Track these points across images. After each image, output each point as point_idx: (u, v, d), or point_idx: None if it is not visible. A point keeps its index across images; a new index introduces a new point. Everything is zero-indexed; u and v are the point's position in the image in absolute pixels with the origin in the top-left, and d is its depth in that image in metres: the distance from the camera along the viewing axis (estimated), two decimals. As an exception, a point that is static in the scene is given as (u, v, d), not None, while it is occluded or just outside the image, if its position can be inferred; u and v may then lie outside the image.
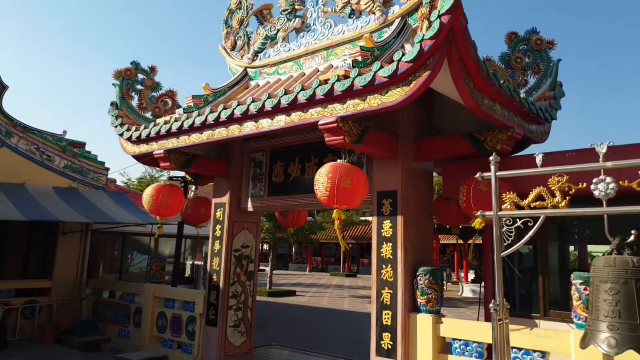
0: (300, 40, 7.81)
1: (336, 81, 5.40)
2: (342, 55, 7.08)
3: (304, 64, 7.67)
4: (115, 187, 14.91)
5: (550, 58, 6.84)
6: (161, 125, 7.42)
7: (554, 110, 6.65)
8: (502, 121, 5.60)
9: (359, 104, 5.31)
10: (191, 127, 7.00)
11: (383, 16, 6.67)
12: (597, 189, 3.40)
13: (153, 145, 7.76)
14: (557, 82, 6.80)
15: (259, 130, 6.34)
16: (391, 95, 5.06)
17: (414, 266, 5.97)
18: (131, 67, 8.47)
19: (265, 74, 8.26)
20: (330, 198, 5.52)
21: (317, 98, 5.59)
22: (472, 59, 4.81)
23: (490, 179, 4.02)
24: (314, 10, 7.70)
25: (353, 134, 5.60)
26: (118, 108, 8.23)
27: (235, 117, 6.46)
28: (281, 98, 5.90)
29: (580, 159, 4.74)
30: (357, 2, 6.98)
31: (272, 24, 8.37)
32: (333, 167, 5.62)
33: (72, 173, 11.64)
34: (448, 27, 4.48)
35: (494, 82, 5.19)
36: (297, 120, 5.92)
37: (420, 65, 4.78)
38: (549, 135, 6.82)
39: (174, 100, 8.78)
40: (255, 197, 8.28)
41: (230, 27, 9.00)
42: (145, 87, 8.55)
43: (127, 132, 7.96)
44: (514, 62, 6.87)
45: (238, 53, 8.80)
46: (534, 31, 6.91)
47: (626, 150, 4.59)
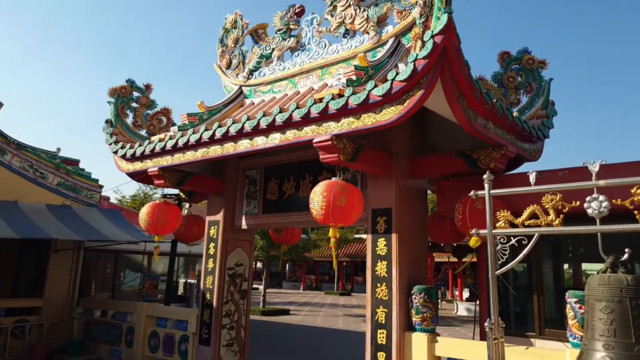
0: (295, 59, 7.88)
1: (331, 100, 5.44)
2: (337, 74, 7.14)
3: (299, 82, 7.73)
4: (109, 205, 14.84)
5: (542, 77, 6.93)
6: (156, 142, 7.42)
7: (546, 129, 6.71)
8: (495, 139, 5.64)
9: (354, 122, 5.34)
10: (186, 144, 7.00)
11: (377, 36, 6.76)
12: (591, 207, 3.42)
13: (147, 162, 7.75)
14: (549, 101, 6.87)
15: (254, 148, 6.35)
16: (385, 113, 5.09)
17: (409, 284, 5.94)
18: (126, 85, 8.50)
19: (260, 92, 8.31)
20: (326, 216, 5.51)
21: (311, 116, 5.62)
22: (465, 79, 4.86)
23: (485, 197, 4.04)
24: (309, 30, 7.79)
25: (347, 151, 5.63)
26: (113, 126, 8.23)
27: (230, 135, 6.47)
28: (276, 116, 5.93)
29: (573, 178, 4.78)
30: (352, 22, 7.06)
31: (267, 43, 8.45)
32: (328, 186, 5.62)
33: (65, 190, 11.58)
34: (441, 48, 4.54)
35: (487, 101, 5.24)
36: (292, 138, 5.94)
37: (414, 85, 4.82)
38: (542, 153, 6.87)
39: (169, 118, 8.80)
40: (249, 214, 8.25)
41: (226, 46, 9.07)
42: (140, 104, 8.57)
43: (121, 149, 7.95)
44: (506, 81, 6.95)
45: (233, 71, 8.86)
46: (526, 51, 7.01)
47: (618, 168, 4.62)
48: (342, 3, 7.18)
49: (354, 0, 7.06)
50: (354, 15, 7.03)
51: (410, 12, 6.37)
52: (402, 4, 6.50)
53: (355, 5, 7.04)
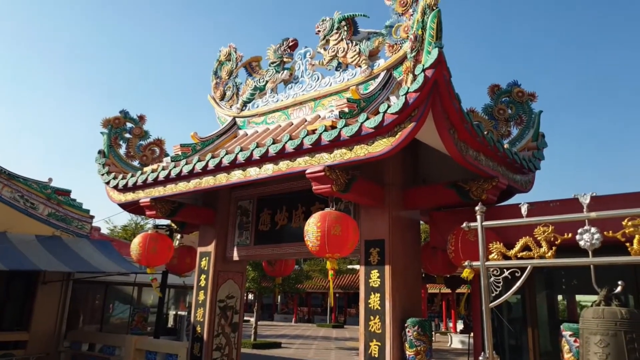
0: (288, 92, 7.97)
1: (324, 131, 5.48)
2: (329, 106, 7.22)
3: (292, 114, 7.80)
4: (100, 236, 14.69)
5: (532, 110, 7.04)
6: (148, 173, 7.41)
7: (537, 161, 6.78)
8: (486, 171, 5.69)
9: (346, 154, 5.38)
10: (178, 175, 6.99)
11: (369, 69, 6.87)
12: (583, 239, 3.43)
13: (139, 193, 7.72)
14: (539, 133, 6.97)
15: (247, 179, 6.35)
16: (377, 145, 5.13)
17: (403, 317, 5.87)
18: (120, 116, 8.53)
19: (253, 123, 8.37)
20: (322, 247, 5.48)
21: (304, 147, 5.66)
22: (456, 111, 4.93)
23: (477, 229, 4.05)
24: (302, 63, 7.91)
25: (340, 182, 5.64)
26: (105, 156, 8.22)
27: (223, 166, 6.48)
28: (269, 147, 5.96)
29: (564, 209, 4.80)
30: (344, 55, 7.19)
31: (261, 75, 8.56)
32: (322, 216, 5.61)
33: (55, 221, 11.46)
34: (432, 81, 4.62)
35: (478, 133, 5.30)
36: (285, 169, 5.95)
37: (406, 117, 4.88)
38: (533, 184, 6.93)
39: (162, 148, 8.81)
40: (241, 245, 8.19)
41: (220, 78, 9.17)
42: (133, 135, 8.59)
43: (113, 180, 7.92)
44: (497, 113, 7.05)
45: (227, 103, 8.93)
46: (516, 84, 7.14)
47: (609, 200, 4.66)
48: (334, 37, 7.32)
49: (346, 35, 7.21)
50: (346, 49, 7.16)
51: (401, 46, 6.50)
52: (393, 38, 6.63)
53: (347, 40, 7.18)
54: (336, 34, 7.31)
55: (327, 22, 7.42)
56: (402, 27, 6.44)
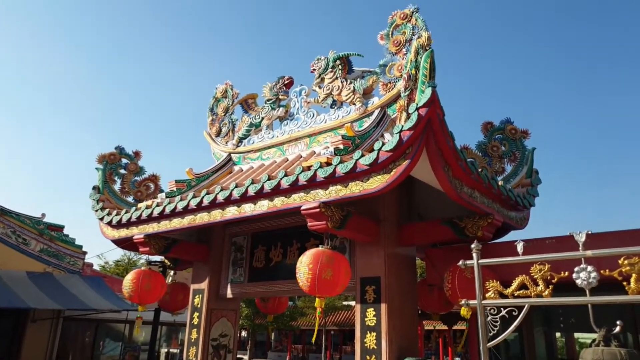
0: (283, 128, 8.03)
1: (319, 168, 5.50)
2: (324, 142, 7.26)
3: (287, 150, 7.84)
4: (92, 272, 14.48)
5: (525, 147, 7.12)
6: (143, 209, 7.37)
7: (531, 197, 6.80)
8: (481, 208, 5.69)
9: (341, 190, 5.38)
10: (173, 211, 6.95)
11: (363, 107, 6.95)
12: (580, 277, 3.41)
13: (133, 229, 7.65)
14: (533, 170, 7.02)
15: (242, 215, 6.32)
16: (372, 182, 5.15)
17: (399, 356, 5.75)
18: (116, 152, 8.54)
19: (249, 159, 8.40)
20: (312, 288, 5.43)
21: (300, 184, 5.66)
22: (449, 149, 4.97)
23: (473, 266, 4.02)
24: (297, 101, 8.00)
25: (335, 219, 5.62)
26: (100, 192, 8.19)
27: (217, 202, 6.46)
28: (264, 183, 5.96)
29: (560, 247, 4.78)
30: (339, 93, 7.29)
31: (257, 112, 8.64)
32: (314, 256, 5.55)
33: (47, 257, 11.32)
34: (426, 119, 4.67)
35: (472, 170, 5.34)
36: (280, 205, 5.94)
37: (400, 155, 4.92)
38: (528, 221, 6.93)
39: (157, 184, 8.79)
40: (235, 283, 8.08)
41: (216, 115, 9.25)
42: (128, 171, 8.58)
43: (107, 216, 7.86)
44: (490, 150, 7.11)
45: (223, 139, 8.98)
46: (509, 121, 7.24)
47: (605, 238, 4.66)
48: (329, 76, 7.44)
49: (340, 74, 7.33)
50: (341, 87, 7.26)
51: (395, 84, 6.61)
52: (387, 77, 6.74)
53: (342, 78, 7.30)
54: (331, 73, 7.43)
55: (322, 61, 7.56)
56: (395, 66, 6.56)
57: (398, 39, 6.40)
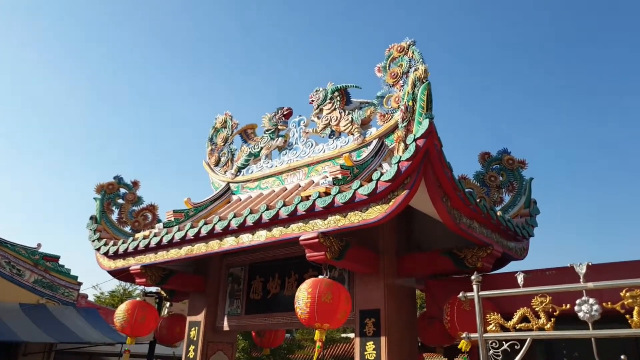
0: (282, 158, 8.06)
1: (317, 197, 5.49)
2: (323, 171, 7.28)
3: (286, 179, 7.85)
4: (87, 303, 14.28)
5: (522, 177, 7.13)
6: (140, 240, 7.31)
7: (530, 227, 6.78)
8: (480, 239, 5.67)
9: (340, 220, 5.36)
10: (170, 242, 6.90)
11: (361, 137, 7.00)
12: (582, 310, 3.37)
13: (130, 260, 7.58)
14: (531, 200, 7.02)
15: (240, 246, 6.27)
16: (371, 212, 5.13)
17: (400, 392, 5.62)
18: (114, 181, 8.53)
19: (247, 188, 8.39)
20: (311, 315, 5.32)
21: (298, 214, 5.64)
22: (448, 179, 4.98)
23: (474, 299, 3.97)
24: (296, 131, 8.06)
25: (334, 249, 5.58)
26: (97, 222, 8.14)
27: (215, 233, 6.42)
28: (263, 213, 5.93)
29: (561, 278, 4.73)
30: (337, 124, 7.35)
31: (256, 142, 8.68)
32: (313, 282, 5.50)
33: (41, 288, 11.17)
34: (423, 150, 4.70)
35: (471, 201, 5.33)
36: (279, 235, 5.90)
37: (399, 185, 4.92)
38: (527, 252, 6.88)
39: (155, 214, 8.75)
40: (231, 315, 7.95)
41: (215, 145, 9.29)
42: (126, 201, 8.55)
43: (104, 246, 7.79)
44: (488, 180, 7.13)
45: (221, 169, 8.99)
46: (506, 151, 7.27)
47: (606, 269, 4.63)
48: (328, 107, 7.51)
49: (339, 105, 7.41)
50: (339, 117, 7.33)
51: (392, 115, 6.66)
52: (384, 108, 6.81)
53: (340, 109, 7.37)
54: (329, 104, 7.51)
55: (321, 92, 7.65)
56: (393, 98, 6.63)
57: (395, 72, 6.49)
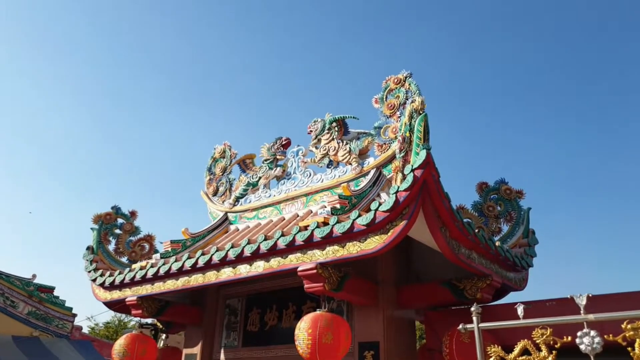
0: (280, 187, 8.08)
1: (316, 228, 5.47)
2: (321, 201, 7.29)
3: (284, 209, 7.84)
4: (81, 335, 14.04)
5: (520, 206, 7.14)
6: (137, 270, 7.24)
7: (529, 258, 6.75)
8: (480, 269, 5.64)
9: (339, 251, 5.33)
10: (167, 273, 6.84)
11: (359, 167, 7.04)
12: (583, 343, 3.33)
13: (126, 291, 7.49)
14: (529, 230, 7.01)
15: (237, 277, 6.21)
16: (370, 242, 5.11)
17: None
18: (112, 211, 8.50)
19: (245, 218, 8.37)
20: (312, 355, 5.22)
21: (296, 244, 5.61)
22: (446, 210, 4.99)
23: (473, 330, 3.92)
24: (295, 161, 8.10)
25: (333, 280, 5.53)
26: (94, 252, 8.07)
27: (213, 263, 6.37)
28: (261, 244, 5.90)
29: (561, 309, 4.69)
30: (335, 154, 7.40)
31: (254, 171, 8.72)
32: (313, 321, 5.35)
33: (35, 320, 10.99)
34: (421, 181, 4.72)
35: (469, 231, 5.33)
36: (276, 266, 5.86)
37: (397, 215, 4.92)
38: (527, 282, 6.84)
39: (152, 244, 8.70)
40: (228, 348, 7.82)
41: (214, 174, 9.31)
42: (124, 231, 8.51)
43: (100, 277, 7.71)
44: (486, 210, 7.13)
45: (219, 198, 9.00)
46: (503, 182, 7.30)
47: (607, 300, 4.59)
48: (326, 137, 7.58)
49: (337, 135, 7.47)
50: (337, 148, 7.39)
51: (390, 145, 6.72)
52: (382, 138, 6.88)
53: (338, 139, 7.43)
54: (327, 134, 7.58)
55: (319, 122, 7.72)
56: (390, 128, 6.70)
57: (392, 103, 6.58)
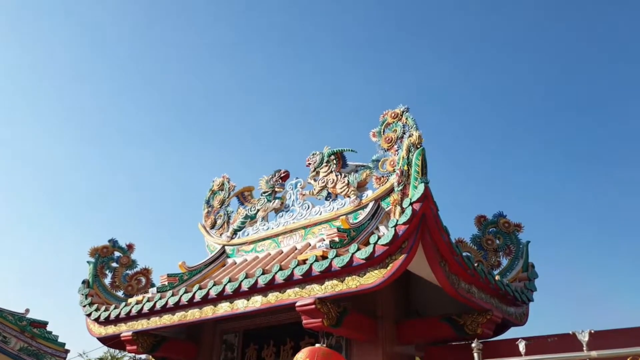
0: (279, 220, 8.06)
1: (314, 261, 5.42)
2: (320, 234, 7.26)
3: (282, 242, 7.81)
4: (72, 372, 13.68)
5: (519, 240, 7.11)
6: (132, 305, 7.13)
7: (529, 292, 6.68)
8: (480, 304, 5.58)
9: (338, 285, 5.28)
10: (164, 307, 6.73)
11: (357, 199, 7.05)
12: (587, 380, 3.28)
13: (122, 326, 7.36)
14: (529, 264, 6.96)
15: (234, 312, 6.13)
16: (369, 277, 5.07)
17: None
18: (108, 244, 8.42)
19: (243, 251, 8.32)
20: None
21: (295, 278, 5.56)
22: (445, 243, 4.98)
23: (475, 368, 3.87)
24: (293, 193, 8.11)
25: (332, 316, 5.46)
26: (89, 286, 7.96)
27: (210, 298, 6.29)
28: (259, 278, 5.84)
29: (563, 345, 4.63)
30: (333, 186, 7.43)
31: (253, 204, 8.71)
32: (310, 352, 5.31)
33: (26, 356, 10.72)
34: (420, 214, 4.72)
35: (469, 265, 5.30)
36: (274, 301, 5.79)
37: (396, 249, 4.90)
38: (528, 317, 6.75)
39: (148, 278, 8.58)
40: (225, 384, 7.64)
41: (212, 207, 9.30)
42: (120, 265, 8.41)
43: (95, 312, 7.57)
44: (485, 243, 7.11)
45: (217, 231, 8.96)
46: (501, 215, 7.30)
47: (609, 335, 4.54)
48: (324, 170, 7.62)
49: (335, 168, 7.51)
50: (335, 180, 7.42)
51: (388, 178, 6.75)
52: (380, 171, 6.92)
53: (336, 172, 7.47)
54: (326, 167, 7.62)
55: (318, 155, 7.78)
56: (388, 162, 6.76)
57: (389, 137, 6.65)
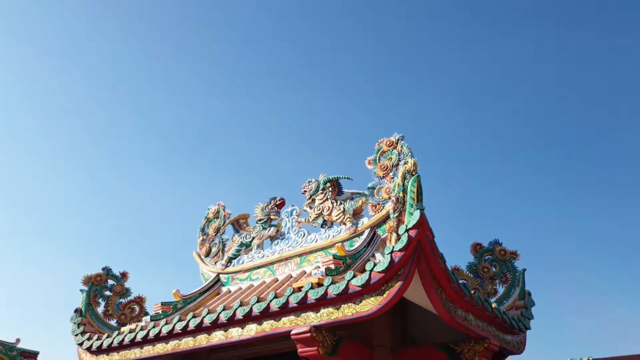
0: (274, 247, 8.03)
1: (310, 289, 5.40)
2: (315, 262, 7.24)
3: (277, 269, 7.77)
4: (62, 404, 13.39)
5: (515, 268, 7.12)
6: (126, 333, 7.04)
7: (526, 320, 6.65)
8: (476, 332, 5.55)
9: (333, 313, 5.24)
10: (157, 336, 6.65)
11: (353, 227, 7.06)
12: (585, 409, 3.25)
13: (114, 356, 7.24)
14: (525, 291, 6.95)
15: (228, 341, 6.05)
16: (365, 304, 5.05)
17: None
18: (102, 272, 8.35)
19: (237, 279, 8.26)
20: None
21: (290, 306, 5.52)
22: (441, 270, 4.98)
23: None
24: (289, 220, 8.11)
25: (327, 344, 5.41)
26: (82, 315, 7.86)
27: (204, 326, 6.22)
28: (253, 306, 5.79)
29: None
30: (329, 213, 7.44)
31: (248, 232, 8.69)
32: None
33: (16, 388, 10.53)
34: (416, 241, 4.73)
35: (465, 292, 5.29)
36: (269, 329, 5.73)
37: (392, 276, 4.89)
38: (525, 345, 6.70)
39: (142, 306, 8.49)
40: (218, 417, 7.47)
41: (207, 235, 9.26)
42: (114, 293, 8.33)
43: (87, 341, 7.46)
44: (481, 271, 7.10)
45: (212, 259, 8.91)
46: (497, 242, 7.31)
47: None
48: (320, 197, 7.64)
49: (330, 195, 7.54)
50: (331, 207, 7.43)
51: (383, 205, 6.77)
52: (375, 198, 6.95)
53: (332, 199, 7.50)
54: (321, 194, 7.64)
55: (313, 183, 7.81)
56: (383, 189, 6.79)
57: (385, 164, 6.70)
